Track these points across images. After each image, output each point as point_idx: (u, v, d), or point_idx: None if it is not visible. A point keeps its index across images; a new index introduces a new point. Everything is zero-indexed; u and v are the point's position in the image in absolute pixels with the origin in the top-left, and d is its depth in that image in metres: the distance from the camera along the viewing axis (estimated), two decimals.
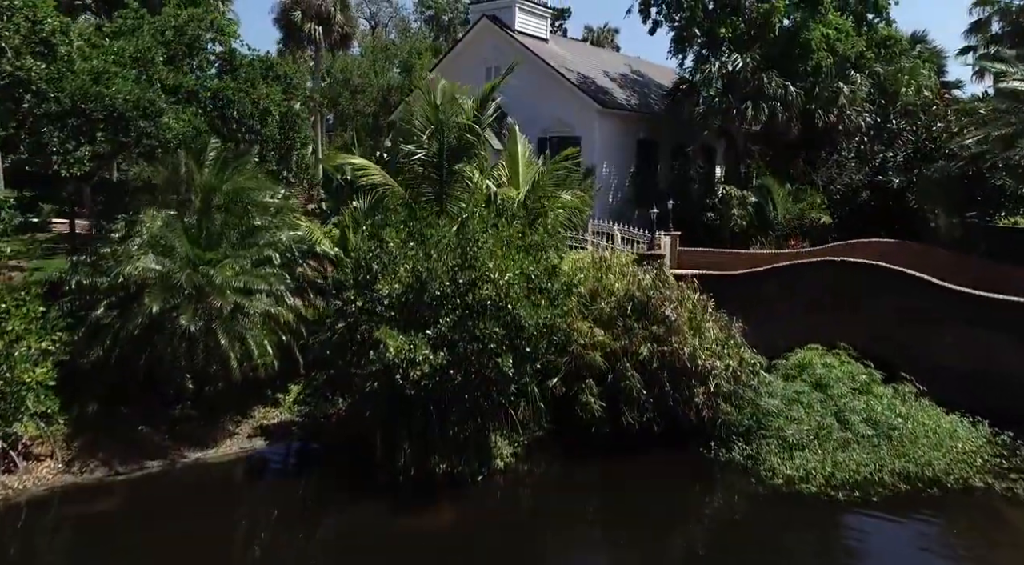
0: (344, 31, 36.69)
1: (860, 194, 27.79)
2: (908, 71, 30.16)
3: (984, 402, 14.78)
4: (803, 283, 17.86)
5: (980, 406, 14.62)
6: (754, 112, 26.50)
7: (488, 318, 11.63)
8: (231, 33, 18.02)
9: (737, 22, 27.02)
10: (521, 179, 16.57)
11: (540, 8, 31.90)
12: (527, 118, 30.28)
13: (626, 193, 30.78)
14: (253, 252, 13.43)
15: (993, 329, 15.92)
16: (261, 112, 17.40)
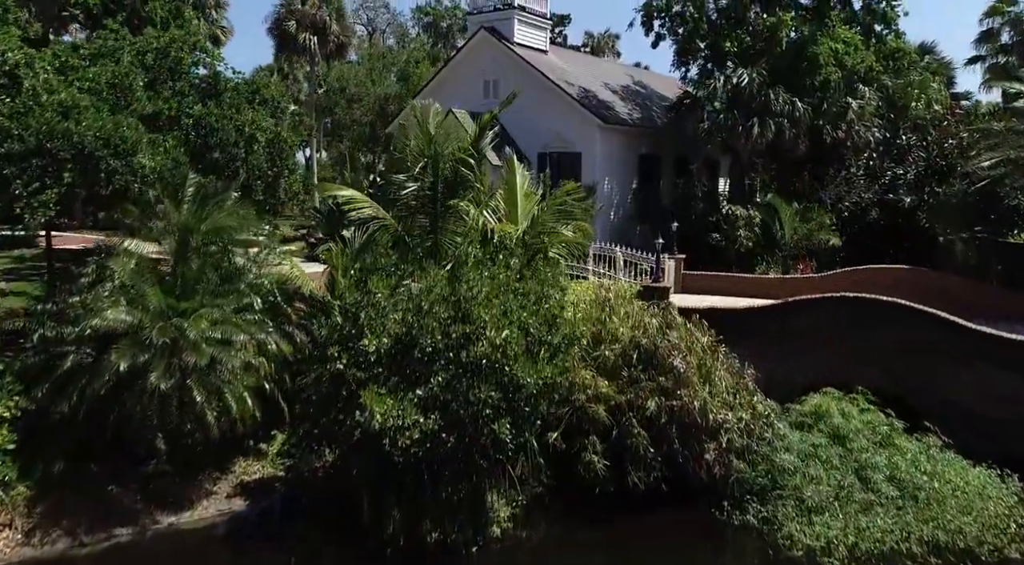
0: (340, 41, 35.63)
1: (869, 212, 26.72)
2: (918, 85, 29.09)
3: (1011, 451, 13.79)
4: (816, 319, 16.81)
5: (1008, 455, 13.63)
6: (760, 129, 25.42)
7: (483, 380, 10.61)
8: (215, 56, 16.95)
9: (742, 36, 25.98)
10: (520, 212, 15.52)
11: (539, 19, 30.83)
12: (527, 133, 29.29)
13: (628, 209, 29.76)
14: (232, 299, 12.40)
15: (1020, 372, 14.91)
16: (246, 139, 16.35)
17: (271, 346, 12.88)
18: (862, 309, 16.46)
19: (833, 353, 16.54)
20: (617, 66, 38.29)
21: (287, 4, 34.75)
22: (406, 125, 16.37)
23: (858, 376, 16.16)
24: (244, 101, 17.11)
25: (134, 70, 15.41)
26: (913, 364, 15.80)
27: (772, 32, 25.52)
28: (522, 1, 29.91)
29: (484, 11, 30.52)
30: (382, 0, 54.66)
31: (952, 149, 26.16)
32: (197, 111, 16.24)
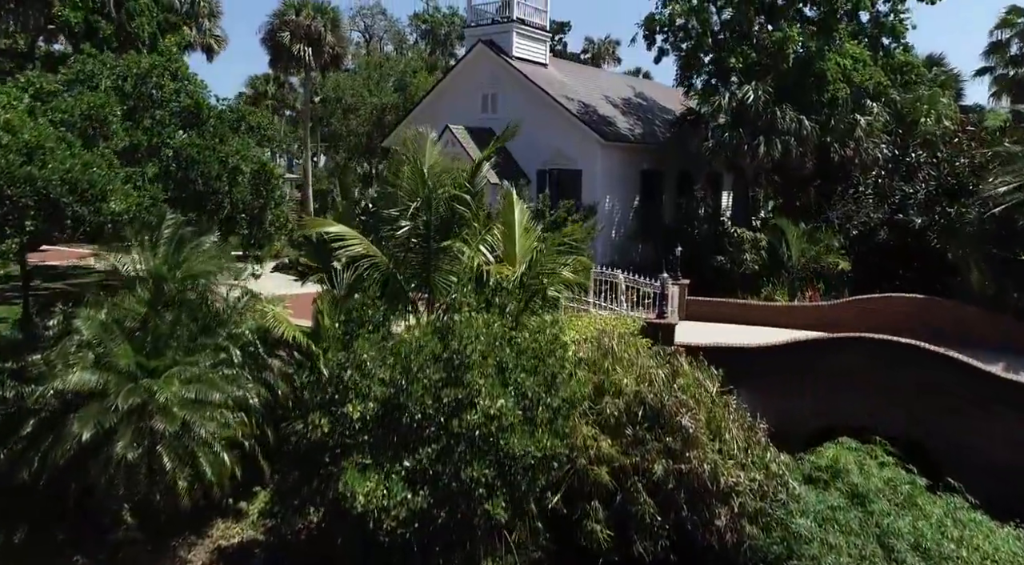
0: (335, 51, 34.66)
1: (878, 232, 25.77)
2: (927, 99, 28.15)
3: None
4: (829, 361, 15.87)
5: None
6: (767, 148, 24.50)
7: (476, 454, 9.67)
8: (197, 84, 15.98)
9: (748, 51, 25.01)
10: (518, 250, 14.54)
11: (539, 32, 29.87)
12: (526, 148, 28.30)
13: (629, 227, 28.84)
14: (208, 355, 11.46)
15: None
16: (230, 171, 15.39)
17: (252, 400, 11.94)
18: (877, 351, 15.51)
19: (847, 397, 15.60)
20: (618, 77, 37.33)
21: (280, 15, 33.75)
22: (400, 152, 15.33)
23: (874, 421, 15.22)
24: (228, 129, 16.16)
25: (111, 100, 14.43)
26: (932, 409, 14.87)
27: (779, 48, 24.57)
28: (521, 14, 28.96)
29: (482, 24, 29.57)
30: (379, 7, 53.60)
31: (964, 167, 25.22)
32: (178, 141, 15.30)
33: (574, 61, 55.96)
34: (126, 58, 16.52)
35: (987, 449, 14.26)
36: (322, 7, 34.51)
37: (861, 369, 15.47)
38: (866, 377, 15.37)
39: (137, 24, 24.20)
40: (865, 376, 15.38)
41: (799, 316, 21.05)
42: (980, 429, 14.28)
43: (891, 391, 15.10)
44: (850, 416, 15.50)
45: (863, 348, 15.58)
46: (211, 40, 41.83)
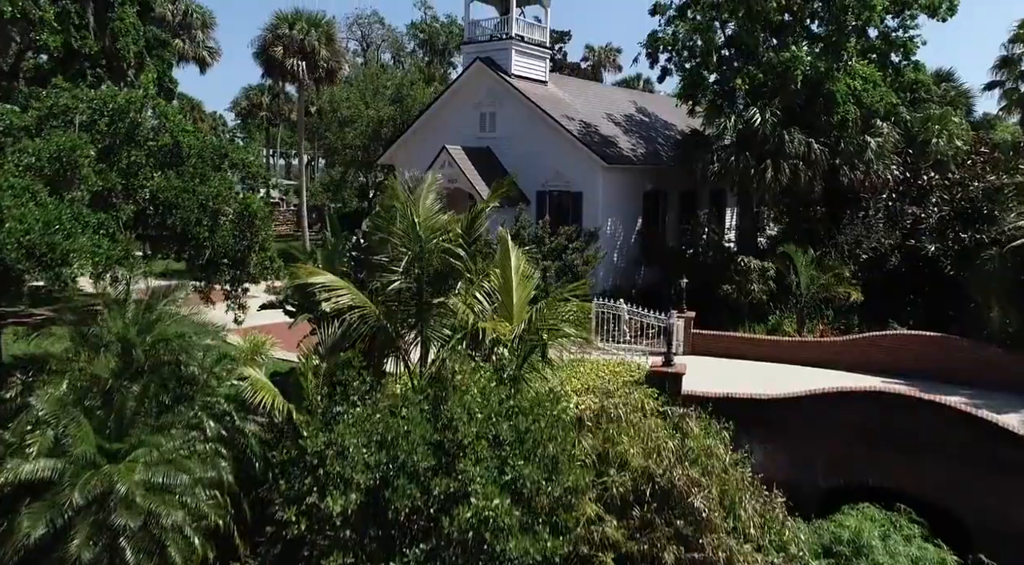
0: (329, 66, 33.56)
1: (889, 258, 24.76)
2: (937, 119, 27.10)
3: None
4: (845, 415, 14.85)
5: None
6: (775, 173, 23.50)
7: (469, 559, 8.66)
8: (177, 121, 14.89)
9: (754, 72, 23.95)
10: (516, 300, 13.50)
11: (538, 49, 28.82)
12: (526, 167, 27.31)
13: (632, 251, 27.85)
14: (179, 433, 10.44)
15: None
16: (211, 215, 14.34)
17: (227, 478, 10.92)
18: (897, 406, 14.49)
19: (865, 454, 14.59)
20: (619, 92, 36.28)
21: (273, 28, 32.67)
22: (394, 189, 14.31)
23: (895, 481, 14.25)
24: (210, 168, 15.10)
25: (82, 142, 13.37)
26: (960, 472, 13.82)
27: (786, 69, 23.51)
28: (520, 31, 27.91)
29: (480, 41, 28.54)
30: (376, 15, 52.44)
31: (978, 191, 24.22)
32: (155, 184, 14.23)
33: (574, 69, 54.95)
34: (102, 92, 15.46)
35: (1019, 516, 13.26)
36: (316, 20, 33.43)
37: (880, 425, 14.44)
38: (886, 433, 14.35)
39: (122, 44, 23.14)
40: (885, 432, 14.36)
41: (810, 352, 20.07)
42: (1014, 496, 13.24)
43: (914, 450, 14.08)
44: (868, 475, 14.53)
45: (882, 402, 14.56)
46: (204, 52, 40.92)
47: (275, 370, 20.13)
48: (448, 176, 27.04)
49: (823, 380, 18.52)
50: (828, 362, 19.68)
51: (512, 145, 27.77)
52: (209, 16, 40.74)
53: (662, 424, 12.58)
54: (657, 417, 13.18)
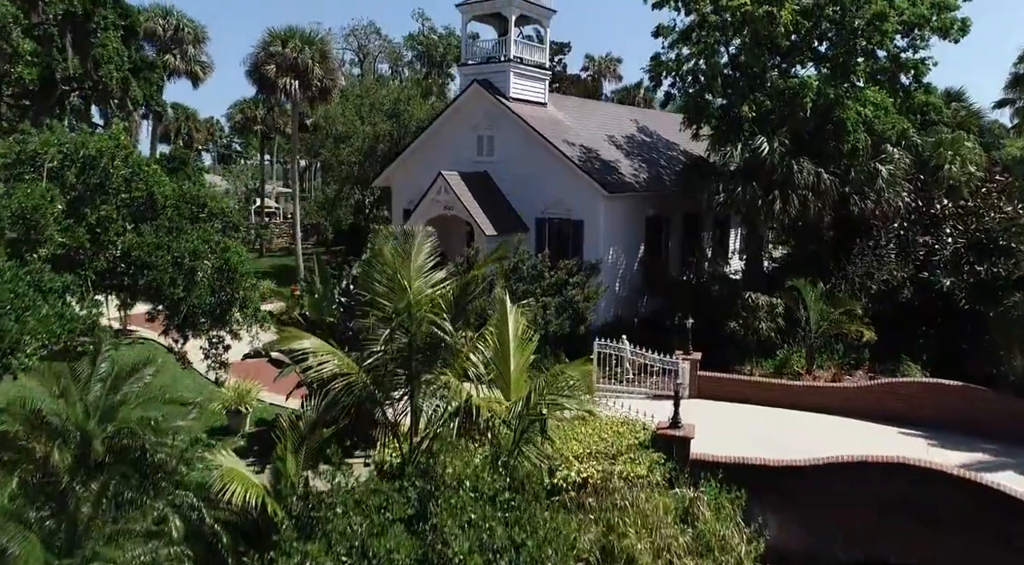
0: (324, 84, 32.49)
1: (901, 291, 23.73)
2: (949, 144, 26.09)
3: None
4: (863, 485, 13.85)
5: None
6: (783, 204, 22.49)
7: None
8: (150, 171, 13.87)
9: (761, 99, 22.91)
10: (513, 370, 12.50)
11: (537, 71, 27.79)
12: (524, 192, 26.37)
13: (634, 279, 26.83)
14: (140, 541, 9.42)
15: None
16: (187, 272, 13.33)
17: None
18: (924, 480, 13.49)
19: (887, 529, 13.61)
20: (620, 110, 35.21)
21: (265, 46, 31.61)
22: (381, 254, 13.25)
23: (918, 557, 13.27)
24: (186, 220, 14.08)
25: (46, 201, 12.36)
26: (992, 555, 12.86)
27: (795, 96, 22.47)
28: (519, 52, 26.87)
29: (477, 63, 27.49)
30: (373, 26, 51.35)
31: (994, 222, 23.19)
32: (127, 240, 13.22)
33: (574, 80, 53.89)
34: (73, 137, 14.44)
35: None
36: (310, 38, 32.35)
37: (904, 498, 13.46)
38: (910, 508, 13.35)
39: (105, 71, 22.11)
40: (909, 507, 13.36)
41: (822, 398, 19.09)
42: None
43: (940, 528, 13.09)
44: (890, 549, 13.53)
45: (907, 475, 13.56)
46: (196, 67, 39.86)
47: (261, 417, 19.24)
48: (444, 203, 26.10)
49: (836, 430, 17.61)
50: (841, 408, 18.74)
51: (510, 169, 26.77)
52: (201, 31, 39.68)
53: (671, 507, 11.59)
54: (665, 488, 12.21)
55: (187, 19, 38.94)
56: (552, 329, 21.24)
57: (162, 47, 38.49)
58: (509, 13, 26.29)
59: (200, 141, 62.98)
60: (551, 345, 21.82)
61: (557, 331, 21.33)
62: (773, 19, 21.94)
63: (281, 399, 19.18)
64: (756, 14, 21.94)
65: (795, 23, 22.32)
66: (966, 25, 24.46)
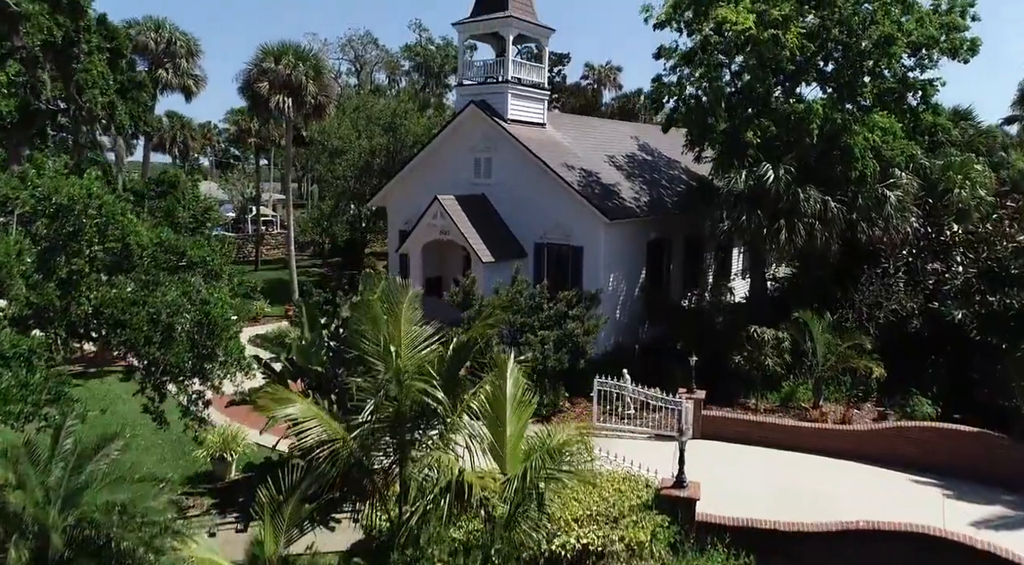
0: (318, 101, 31.66)
1: (910, 321, 22.92)
2: (959, 167, 25.23)
3: None
4: (877, 553, 13.04)
5: None
6: (788, 234, 21.68)
7: None
8: (126, 221, 13.00)
9: (766, 124, 22.07)
10: (510, 437, 11.65)
11: (535, 91, 26.96)
12: (522, 215, 25.57)
13: (635, 306, 26.03)
14: None
15: None
16: (164, 329, 12.50)
17: None
18: (937, 548, 12.67)
19: None
20: (621, 127, 34.34)
21: (258, 62, 30.76)
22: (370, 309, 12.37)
23: None
24: (164, 271, 13.24)
25: (13, 258, 11.52)
26: None
27: (801, 121, 21.64)
28: (517, 73, 26.03)
29: (474, 84, 26.65)
30: (370, 36, 50.40)
31: (1005, 250, 22.35)
32: (99, 296, 12.37)
33: (574, 91, 53.04)
34: (46, 182, 13.57)
35: None
36: (303, 54, 31.53)
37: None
38: None
39: (89, 96, 21.25)
40: None
41: (831, 441, 18.30)
42: None
43: None
44: None
45: (921, 544, 12.73)
46: (189, 82, 39.03)
47: (249, 462, 18.43)
48: (441, 227, 25.29)
49: (847, 477, 16.87)
50: (851, 452, 17.98)
51: (509, 192, 25.97)
52: (194, 44, 38.81)
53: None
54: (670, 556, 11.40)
55: (180, 32, 38.10)
56: (551, 364, 20.44)
57: (154, 61, 37.66)
58: (507, 34, 25.46)
59: (196, 149, 62.14)
60: (550, 379, 21.06)
61: (556, 366, 20.54)
62: (778, 42, 21.10)
63: (272, 440, 18.38)
64: (761, 37, 21.09)
65: (801, 46, 21.47)
66: (975, 45, 23.70)
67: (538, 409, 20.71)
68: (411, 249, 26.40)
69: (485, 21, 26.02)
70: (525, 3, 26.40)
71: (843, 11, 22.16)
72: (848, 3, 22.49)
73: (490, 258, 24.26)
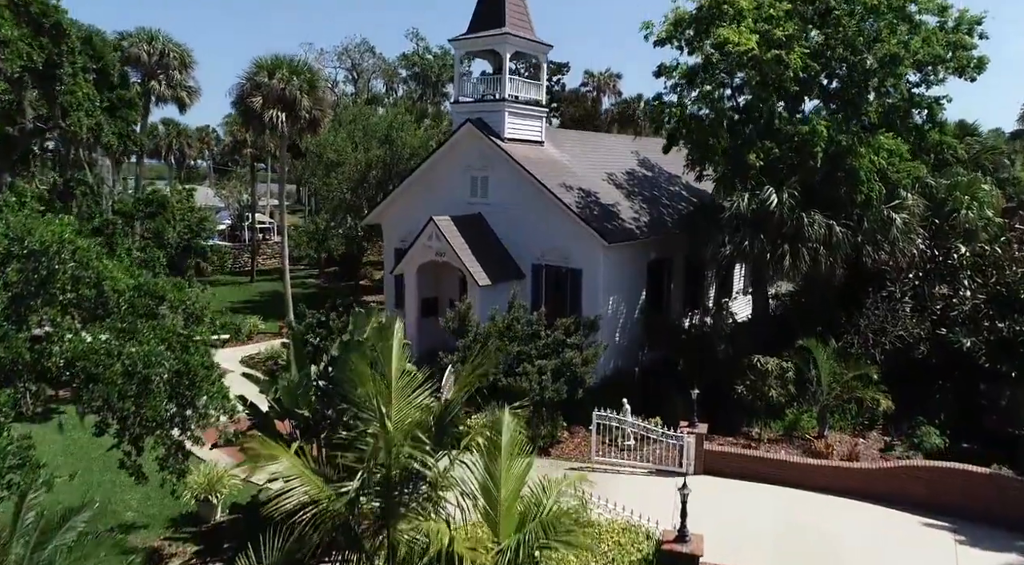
0: (312, 116, 30.90)
1: (917, 346, 22.24)
2: (966, 187, 24.56)
3: None
4: None
5: None
6: (792, 260, 20.99)
7: None
8: (101, 267, 12.27)
9: (769, 146, 21.37)
10: (504, 498, 10.93)
11: (533, 109, 26.26)
12: (520, 235, 24.89)
13: (634, 329, 25.35)
14: None
15: None
16: (140, 382, 11.80)
17: None
18: None
19: None
20: (620, 142, 33.60)
21: (251, 77, 30.03)
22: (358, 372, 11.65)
23: None
24: (141, 318, 12.53)
25: None
26: None
27: (805, 144, 20.95)
28: (514, 91, 25.33)
29: (470, 102, 25.96)
30: (367, 44, 49.66)
31: (1015, 275, 21.68)
32: (70, 350, 11.66)
33: (572, 101, 52.30)
34: (18, 222, 12.84)
35: None
36: (298, 68, 30.76)
37: None
38: None
39: (73, 120, 20.53)
40: None
41: (838, 479, 17.60)
42: None
43: None
44: None
45: None
46: (183, 93, 38.32)
47: (235, 502, 17.71)
48: (436, 249, 24.61)
49: (855, 519, 16.16)
50: (860, 491, 17.30)
51: (506, 212, 25.29)
52: (188, 55, 38.06)
53: None
54: None
55: (173, 44, 37.36)
56: (549, 395, 19.75)
57: (147, 73, 36.93)
58: (503, 51, 24.76)
59: (192, 156, 61.34)
60: (548, 409, 20.38)
61: (554, 397, 19.85)
62: (781, 62, 20.40)
63: (263, 477, 17.69)
64: (764, 58, 20.40)
65: (804, 66, 20.77)
66: (983, 63, 23.01)
67: (535, 441, 20.07)
68: (406, 270, 25.72)
69: (482, 38, 25.31)
70: (522, 19, 25.67)
71: (848, 29, 21.47)
72: (853, 21, 21.80)
73: (487, 281, 23.58)
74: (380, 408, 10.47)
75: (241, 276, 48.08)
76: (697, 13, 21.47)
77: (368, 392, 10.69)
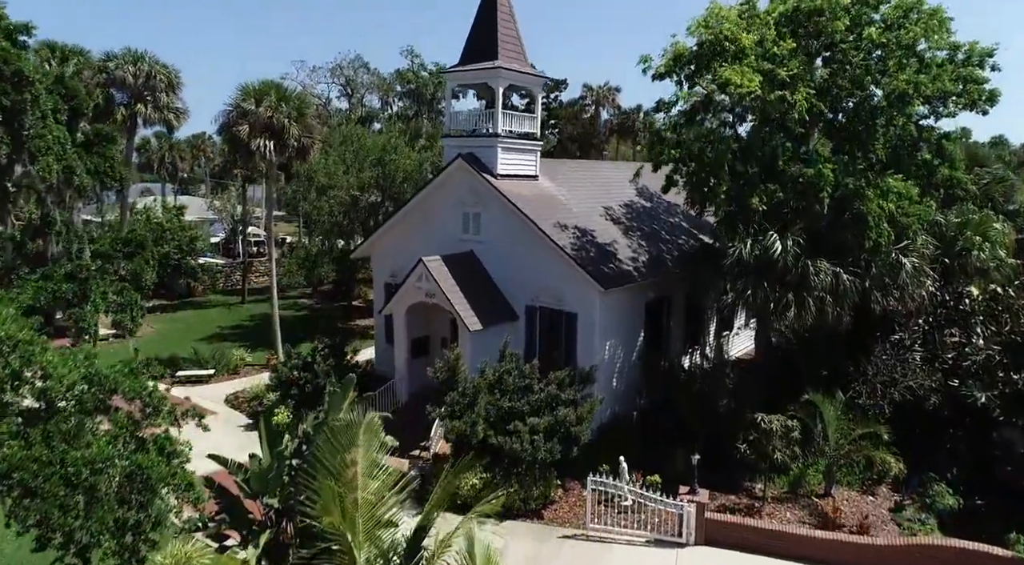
0: (301, 144, 29.67)
1: (929, 398, 21.02)
2: (976, 226, 23.33)
3: None
4: None
5: None
6: (798, 309, 19.79)
7: None
8: (46, 360, 11.01)
9: (773, 189, 20.15)
10: None
11: (527, 143, 25.03)
12: (513, 277, 23.70)
13: (632, 373, 24.15)
14: None
15: None
16: (86, 491, 10.59)
17: None
18: None
19: None
20: (616, 170, 32.28)
21: (238, 104, 28.79)
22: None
23: None
24: (89, 415, 11.30)
25: None
26: None
27: (810, 186, 19.72)
28: (507, 125, 24.13)
29: (462, 136, 24.73)
30: (361, 60, 48.39)
31: None
32: (8, 457, 10.43)
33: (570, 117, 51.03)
34: None
35: None
36: (286, 95, 29.53)
37: None
38: None
39: (42, 165, 19.29)
40: None
41: (849, 555, 16.41)
42: None
43: None
44: None
45: None
46: (170, 115, 37.10)
47: None
48: (426, 290, 23.43)
49: None
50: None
51: (499, 250, 24.11)
52: (175, 76, 36.82)
53: None
54: None
55: (160, 65, 36.11)
56: (541, 455, 18.56)
57: (134, 95, 35.69)
58: (496, 85, 23.54)
59: (185, 169, 59.96)
60: (541, 468, 19.19)
61: (547, 458, 18.65)
62: (785, 101, 19.17)
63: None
64: (768, 98, 19.17)
65: (810, 106, 19.54)
66: (994, 96, 21.75)
67: (528, 502, 18.90)
68: (395, 311, 24.54)
69: (473, 71, 24.07)
70: (516, 52, 24.43)
71: (855, 67, 20.23)
72: (859, 56, 20.56)
73: (478, 326, 22.39)
74: (348, 543, 9.26)
75: (232, 295, 46.84)
76: (698, 50, 20.20)
77: (334, 523, 9.48)
